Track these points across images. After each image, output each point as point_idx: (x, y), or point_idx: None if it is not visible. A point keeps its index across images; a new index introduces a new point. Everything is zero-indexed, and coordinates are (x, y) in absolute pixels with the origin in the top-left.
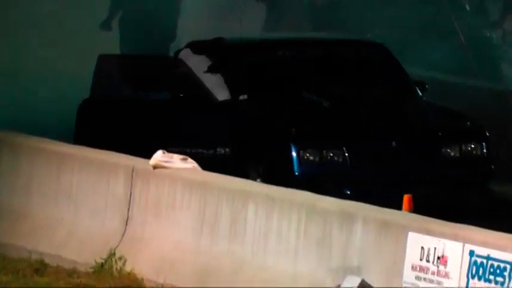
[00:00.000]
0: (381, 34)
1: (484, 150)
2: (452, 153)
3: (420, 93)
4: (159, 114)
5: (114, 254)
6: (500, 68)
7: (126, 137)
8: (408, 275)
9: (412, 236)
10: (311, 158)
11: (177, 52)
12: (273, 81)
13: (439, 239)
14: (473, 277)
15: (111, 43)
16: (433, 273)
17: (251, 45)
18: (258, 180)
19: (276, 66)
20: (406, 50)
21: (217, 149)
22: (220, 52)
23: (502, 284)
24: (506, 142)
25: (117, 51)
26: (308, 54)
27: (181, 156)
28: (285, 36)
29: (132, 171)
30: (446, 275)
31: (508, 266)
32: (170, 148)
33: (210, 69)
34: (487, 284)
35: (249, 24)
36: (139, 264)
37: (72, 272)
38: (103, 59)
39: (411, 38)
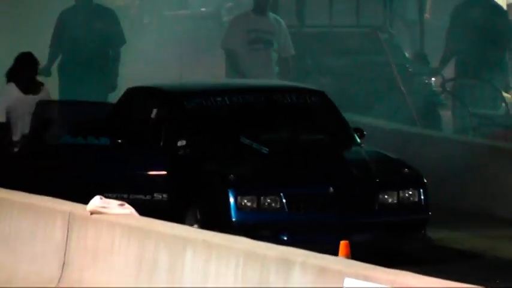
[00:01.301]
0: (321, 81)
1: (422, 197)
2: (389, 200)
3: (358, 140)
4: (97, 160)
5: None
6: (439, 115)
7: (64, 183)
8: None
9: (348, 281)
10: (248, 204)
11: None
12: (212, 127)
13: (376, 285)
14: None
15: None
16: None
17: (190, 91)
18: (195, 226)
19: (215, 112)
20: (346, 97)
21: (155, 195)
22: (159, 98)
23: None
24: (444, 189)
25: (56, 97)
26: (248, 101)
27: (118, 202)
28: (225, 82)
29: (69, 216)
30: None
31: None
32: (108, 194)
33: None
34: None
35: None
36: None
37: None
38: (42, 105)
39: (351, 85)
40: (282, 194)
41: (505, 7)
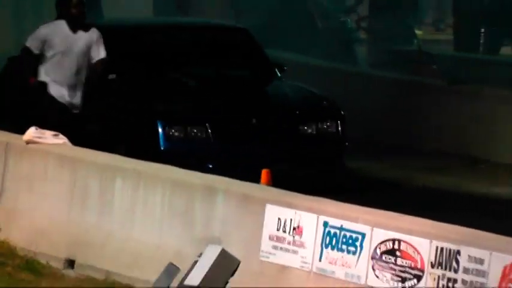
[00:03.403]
0: (245, 19)
1: (339, 128)
2: (308, 131)
3: (279, 74)
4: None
5: None
6: (354, 51)
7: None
8: (266, 245)
9: (269, 207)
10: (176, 134)
11: None
12: (142, 62)
13: (295, 211)
14: (326, 247)
15: None
16: (289, 243)
17: (119, 27)
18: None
19: (145, 47)
20: (268, 34)
21: (88, 126)
22: None
23: (354, 253)
24: (361, 121)
25: None
26: (176, 37)
27: (53, 133)
28: (154, 20)
29: (6, 146)
30: (301, 245)
31: (360, 236)
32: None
33: None
34: (340, 253)
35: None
36: (12, 234)
37: None
38: None
39: (272, 22)
40: (207, 125)
41: None
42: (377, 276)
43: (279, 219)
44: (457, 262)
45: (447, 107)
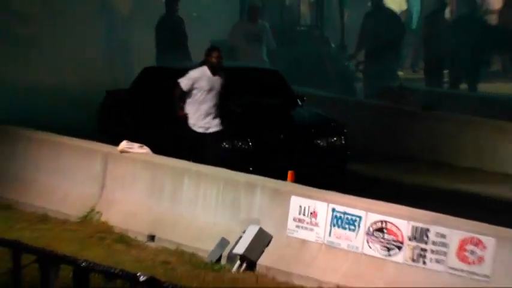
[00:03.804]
0: (277, 63)
1: (343, 142)
2: (321, 144)
3: (300, 103)
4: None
5: (94, 210)
6: (354, 86)
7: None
8: (291, 224)
9: (293, 198)
10: (227, 146)
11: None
12: None
13: (312, 200)
14: (334, 226)
15: None
16: (307, 223)
17: (186, 69)
18: (191, 161)
19: None
20: (293, 74)
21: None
22: (167, 75)
23: (353, 230)
24: (358, 135)
25: None
26: (227, 76)
27: (139, 144)
28: None
29: (106, 154)
30: (316, 224)
31: (358, 219)
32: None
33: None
34: (343, 231)
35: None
36: (111, 217)
37: (65, 221)
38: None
39: (296, 65)
40: (249, 139)
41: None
42: (370, 247)
43: (300, 206)
44: (427, 236)
45: (421, 126)
